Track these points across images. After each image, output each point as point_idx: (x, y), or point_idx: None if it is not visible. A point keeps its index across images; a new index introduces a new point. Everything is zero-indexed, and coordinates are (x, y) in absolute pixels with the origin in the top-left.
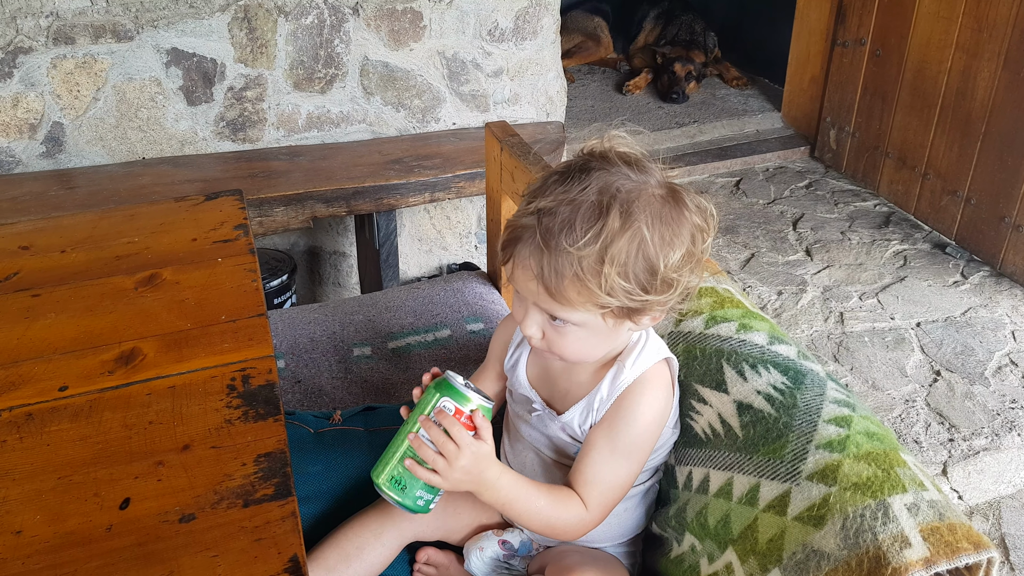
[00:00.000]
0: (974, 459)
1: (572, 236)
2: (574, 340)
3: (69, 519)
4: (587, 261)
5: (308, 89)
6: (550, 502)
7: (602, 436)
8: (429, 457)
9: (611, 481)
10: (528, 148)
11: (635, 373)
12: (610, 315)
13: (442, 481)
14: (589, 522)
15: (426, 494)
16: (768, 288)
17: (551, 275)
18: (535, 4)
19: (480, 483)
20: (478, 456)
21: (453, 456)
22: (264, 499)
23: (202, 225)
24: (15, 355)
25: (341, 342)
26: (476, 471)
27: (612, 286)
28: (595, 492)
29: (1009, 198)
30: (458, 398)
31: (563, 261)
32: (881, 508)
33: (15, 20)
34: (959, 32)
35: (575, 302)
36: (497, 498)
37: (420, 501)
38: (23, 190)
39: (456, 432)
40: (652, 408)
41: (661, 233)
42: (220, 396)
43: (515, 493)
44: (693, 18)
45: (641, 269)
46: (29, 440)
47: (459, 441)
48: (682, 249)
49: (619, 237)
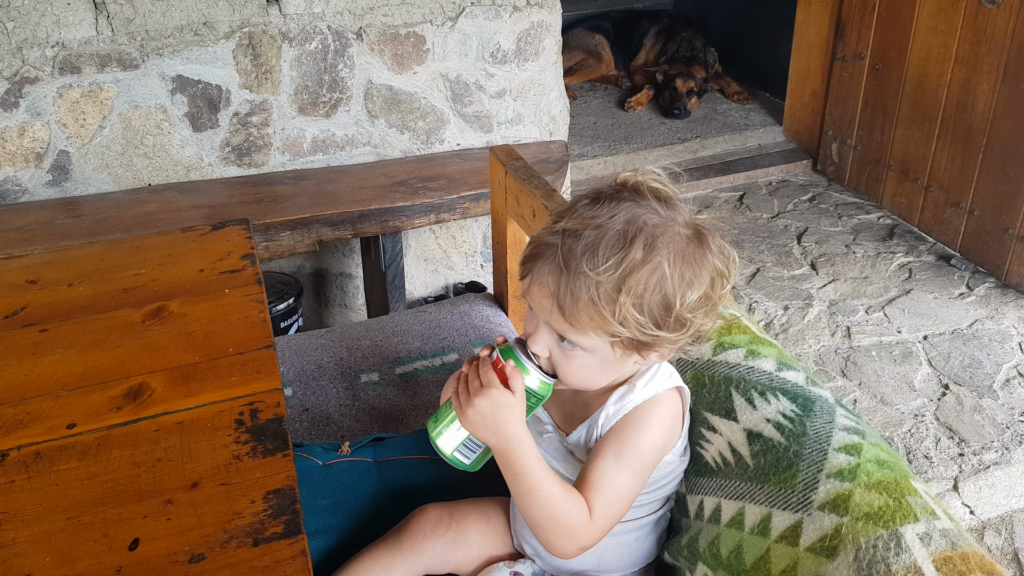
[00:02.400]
0: (985, 473)
1: (593, 261)
2: (580, 365)
3: (78, 561)
4: (604, 288)
5: (313, 113)
6: (562, 493)
7: (609, 445)
8: (460, 390)
9: (615, 491)
10: (532, 172)
11: (646, 395)
12: (619, 345)
13: (463, 418)
14: (591, 532)
15: (460, 436)
16: (774, 303)
17: (567, 296)
18: (537, 26)
19: (498, 435)
20: (497, 403)
21: (474, 392)
22: (274, 537)
23: (209, 256)
24: (23, 392)
25: (348, 368)
26: (494, 418)
27: (625, 316)
28: (600, 499)
29: (1012, 209)
30: (503, 353)
31: (580, 284)
32: (894, 538)
33: (21, 50)
34: (958, 45)
35: (586, 326)
36: (513, 463)
37: (454, 448)
38: (30, 219)
39: (484, 371)
40: (660, 427)
41: (682, 271)
42: (228, 431)
43: (532, 467)
44: (693, 34)
45: (656, 304)
46: (38, 480)
47: (483, 379)
48: (700, 291)
49: (639, 269)
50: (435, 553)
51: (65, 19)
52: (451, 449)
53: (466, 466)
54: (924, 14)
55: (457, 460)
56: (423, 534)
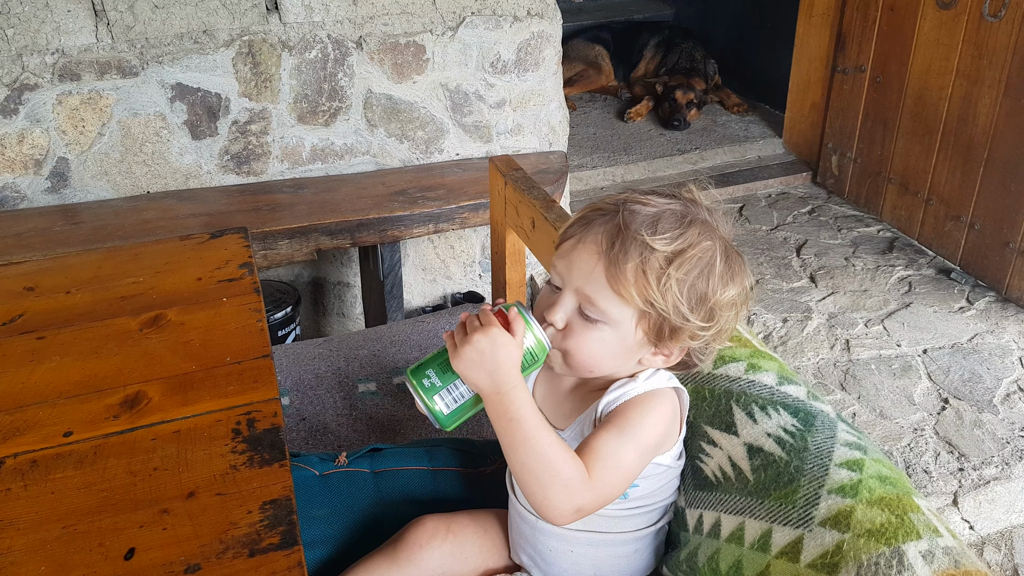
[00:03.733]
0: (985, 489)
1: (652, 229)
2: (596, 340)
3: (74, 571)
4: (657, 256)
5: (312, 122)
6: (560, 443)
7: (611, 421)
8: (456, 331)
9: (614, 460)
10: (532, 182)
11: (647, 387)
12: (643, 325)
13: (456, 355)
14: (588, 492)
15: (445, 391)
16: (773, 315)
17: (620, 253)
18: (537, 36)
19: (494, 376)
20: (496, 342)
21: (472, 329)
22: (270, 548)
23: (207, 264)
24: (20, 400)
25: (346, 378)
26: (491, 357)
27: (668, 288)
28: (598, 464)
29: (1013, 223)
30: (505, 307)
31: (635, 247)
32: (896, 556)
33: (21, 57)
34: (959, 59)
35: (628, 288)
36: (508, 408)
37: (439, 401)
38: (28, 226)
39: (484, 314)
40: (661, 417)
41: (724, 268)
42: (225, 441)
43: (528, 411)
44: (693, 45)
45: (698, 288)
46: (34, 488)
47: (483, 320)
48: (735, 291)
49: (693, 249)
50: (432, 565)
51: (65, 26)
52: (431, 393)
53: (443, 417)
54: (925, 27)
55: (435, 409)
56: (420, 545)
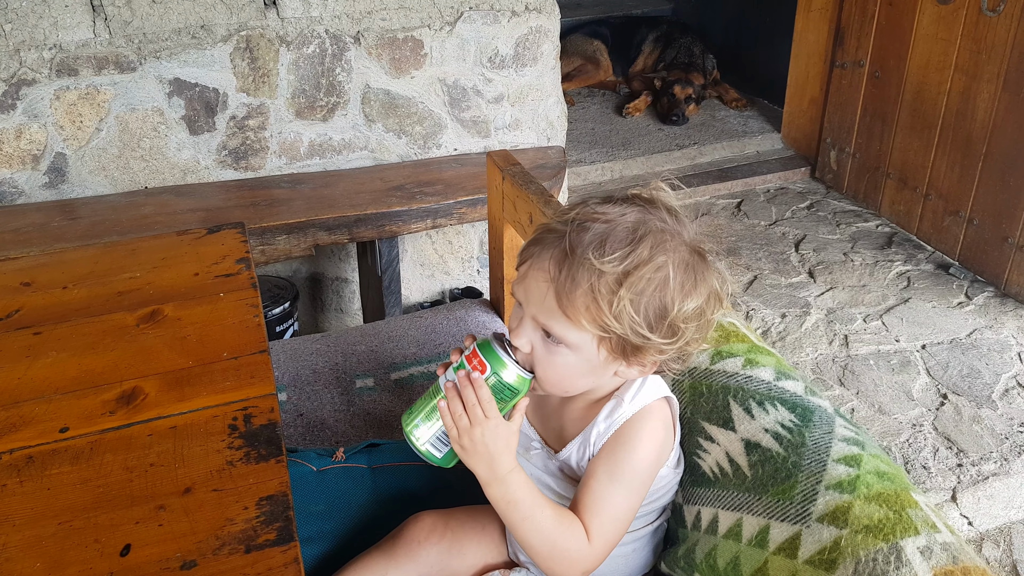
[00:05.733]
0: (983, 484)
1: (600, 251)
2: (561, 364)
3: (69, 567)
4: (606, 279)
5: (310, 117)
6: (556, 518)
7: (602, 465)
8: (457, 412)
9: (612, 511)
10: (530, 177)
11: (634, 408)
12: (606, 346)
13: (457, 442)
14: (590, 556)
15: (435, 429)
16: (771, 311)
17: (567, 280)
18: (535, 31)
19: (491, 465)
20: (496, 434)
21: (477, 420)
22: (266, 544)
23: (204, 259)
24: (16, 395)
25: (344, 373)
26: (493, 447)
27: (621, 311)
28: (596, 521)
29: (1012, 218)
30: (480, 347)
31: (583, 272)
32: (894, 551)
33: (19, 52)
34: (958, 54)
35: (580, 316)
36: (504, 493)
37: (427, 441)
38: (26, 221)
39: (485, 397)
40: (652, 441)
41: (683, 279)
42: (222, 436)
43: (523, 494)
44: (692, 40)
45: (654, 306)
46: (29, 484)
47: (487, 410)
48: (697, 302)
49: (644, 266)
50: (429, 561)
51: (63, 21)
52: (424, 442)
53: (438, 460)
54: (924, 22)
55: (430, 454)
56: (417, 542)
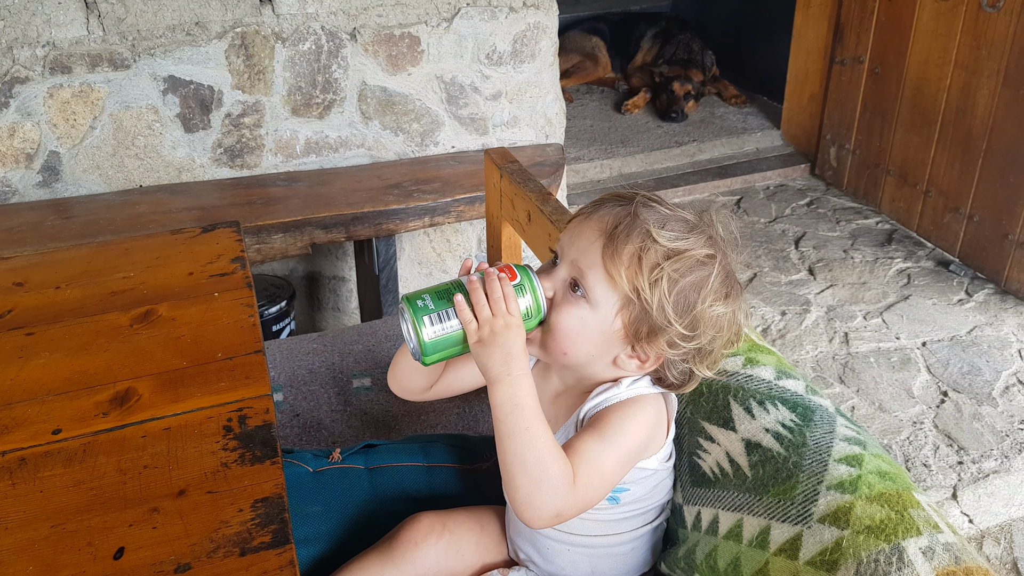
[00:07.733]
0: (984, 482)
1: (660, 225)
2: (576, 317)
3: (62, 570)
4: (656, 248)
5: (306, 115)
6: (553, 440)
7: (592, 426)
8: (481, 302)
9: (597, 466)
10: (528, 175)
11: (630, 393)
12: (623, 316)
13: (477, 331)
14: (570, 498)
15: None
16: (771, 308)
17: (621, 235)
18: (533, 28)
19: (506, 359)
20: (518, 332)
21: (500, 313)
22: (261, 547)
23: (198, 258)
24: (8, 397)
25: (340, 373)
26: (511, 344)
27: (658, 281)
28: (582, 469)
29: (1012, 215)
30: (517, 268)
31: (637, 234)
32: (896, 552)
33: (11, 50)
34: (958, 50)
35: (618, 270)
36: (512, 395)
37: (428, 323)
38: (19, 220)
39: (510, 294)
40: (645, 423)
41: (720, 285)
42: (216, 438)
43: (531, 401)
44: (691, 37)
45: (687, 293)
46: (22, 486)
47: (510, 307)
48: (724, 310)
49: (692, 255)
50: (427, 562)
51: (56, 18)
52: (422, 313)
53: (425, 344)
54: (924, 18)
55: (421, 332)
56: (415, 543)
